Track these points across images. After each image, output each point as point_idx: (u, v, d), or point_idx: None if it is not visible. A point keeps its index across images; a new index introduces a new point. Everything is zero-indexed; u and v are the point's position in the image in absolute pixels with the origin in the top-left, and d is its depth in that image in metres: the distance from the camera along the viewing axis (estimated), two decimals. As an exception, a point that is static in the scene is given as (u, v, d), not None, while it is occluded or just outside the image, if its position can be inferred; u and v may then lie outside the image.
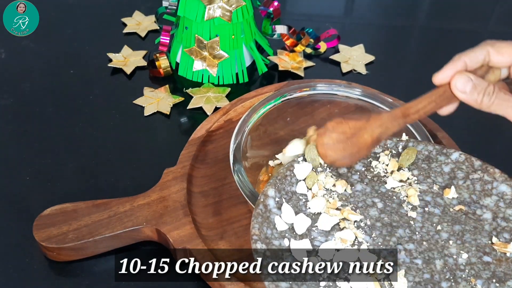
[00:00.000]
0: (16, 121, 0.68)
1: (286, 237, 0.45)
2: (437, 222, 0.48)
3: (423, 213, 0.48)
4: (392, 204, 0.49)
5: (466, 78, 0.44)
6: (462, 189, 0.50)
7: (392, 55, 0.82)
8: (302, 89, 0.62)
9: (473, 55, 0.45)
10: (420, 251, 0.46)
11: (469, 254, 0.46)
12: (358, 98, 0.62)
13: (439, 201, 0.49)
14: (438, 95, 0.46)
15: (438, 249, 0.46)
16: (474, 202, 0.49)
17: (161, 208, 0.56)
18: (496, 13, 0.91)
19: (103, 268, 0.54)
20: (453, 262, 0.45)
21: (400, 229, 0.47)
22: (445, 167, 0.51)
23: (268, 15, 0.75)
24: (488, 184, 0.50)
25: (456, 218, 0.48)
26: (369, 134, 0.47)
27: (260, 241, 0.44)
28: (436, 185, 0.51)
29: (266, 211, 0.46)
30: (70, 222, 0.54)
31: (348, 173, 0.51)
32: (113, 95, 0.73)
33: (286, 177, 0.49)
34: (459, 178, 0.51)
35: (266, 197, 0.47)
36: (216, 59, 0.72)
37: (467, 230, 0.47)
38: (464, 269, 0.45)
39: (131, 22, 0.83)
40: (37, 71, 0.76)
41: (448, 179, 0.51)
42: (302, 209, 0.48)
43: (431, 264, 0.45)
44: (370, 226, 0.47)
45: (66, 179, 0.62)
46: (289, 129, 0.63)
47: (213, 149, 0.63)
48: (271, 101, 0.60)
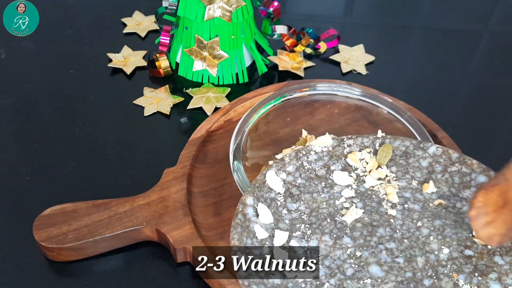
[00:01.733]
0: (16, 121, 0.68)
1: (266, 245, 0.45)
2: (417, 218, 0.48)
3: (403, 210, 0.48)
4: (372, 203, 0.49)
5: None
6: (441, 183, 0.50)
7: (392, 55, 0.82)
8: (302, 89, 0.62)
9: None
10: (402, 249, 0.46)
11: (450, 249, 0.45)
12: (358, 98, 0.62)
13: (419, 197, 0.49)
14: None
15: (419, 246, 0.46)
16: (453, 195, 0.49)
17: (161, 208, 0.56)
18: (496, 13, 0.91)
19: (103, 268, 0.54)
20: (434, 258, 0.45)
21: (380, 228, 0.47)
22: (423, 162, 0.51)
23: (268, 15, 0.75)
24: (466, 176, 0.49)
25: (436, 213, 0.48)
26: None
27: (240, 252, 0.44)
28: (415, 180, 0.50)
29: (245, 220, 0.46)
30: (70, 222, 0.54)
31: (326, 174, 0.51)
32: (113, 95, 0.73)
33: (264, 184, 0.48)
34: (437, 171, 0.50)
35: (244, 205, 0.47)
36: (216, 59, 0.72)
37: (447, 224, 0.47)
38: (446, 265, 0.45)
39: (131, 22, 0.83)
40: (37, 71, 0.76)
41: (426, 174, 0.50)
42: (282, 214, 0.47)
43: (413, 262, 0.45)
44: (351, 226, 0.47)
45: (66, 179, 0.62)
46: (289, 129, 0.63)
47: (213, 149, 0.63)
48: (271, 101, 0.60)
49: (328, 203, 0.49)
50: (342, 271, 0.44)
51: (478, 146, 0.66)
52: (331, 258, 0.45)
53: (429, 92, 0.75)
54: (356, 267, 0.44)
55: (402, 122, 0.59)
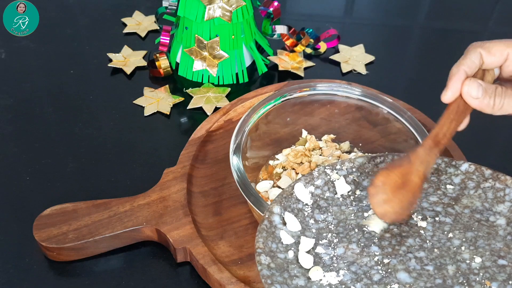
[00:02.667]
0: (16, 121, 0.68)
1: (291, 250, 0.45)
2: (448, 230, 0.47)
3: (434, 222, 0.48)
4: None
5: (476, 84, 0.44)
6: (474, 198, 0.49)
7: (392, 55, 0.82)
8: (302, 89, 0.62)
9: (470, 62, 0.45)
10: (431, 258, 0.45)
11: (483, 259, 0.45)
12: (358, 98, 0.62)
13: (450, 211, 0.48)
14: (454, 112, 0.45)
15: (450, 255, 0.45)
16: (486, 210, 0.48)
17: (161, 208, 0.56)
18: (496, 13, 0.91)
19: (103, 268, 0.54)
20: (466, 266, 0.44)
21: (410, 238, 0.46)
22: (455, 178, 0.50)
23: (268, 15, 0.75)
24: (500, 191, 0.49)
25: (469, 225, 0.47)
26: (416, 175, 0.45)
27: (264, 254, 0.43)
28: (447, 196, 0.50)
29: (271, 226, 0.46)
30: (70, 222, 0.54)
31: (356, 189, 0.50)
32: (113, 95, 0.73)
33: (292, 195, 0.48)
34: (470, 188, 0.50)
35: (271, 213, 0.46)
36: (216, 59, 0.72)
37: (480, 236, 0.46)
38: (478, 273, 0.44)
39: (131, 22, 0.83)
40: (37, 71, 0.76)
41: (459, 190, 0.50)
42: (309, 224, 0.47)
43: (443, 270, 0.44)
44: (379, 236, 0.47)
45: (66, 179, 0.62)
46: (289, 129, 0.63)
47: (213, 149, 0.63)
48: (271, 101, 0.60)
49: (357, 215, 0.48)
50: (369, 276, 0.44)
51: (478, 146, 0.66)
52: (357, 265, 0.45)
53: (429, 92, 0.74)
54: (384, 273, 0.44)
55: (402, 122, 0.59)
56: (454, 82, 0.45)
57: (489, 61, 0.45)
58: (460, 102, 0.45)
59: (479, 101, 0.44)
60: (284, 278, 0.43)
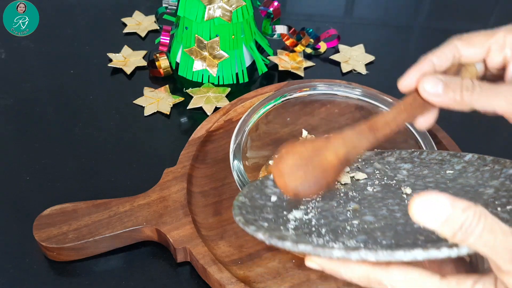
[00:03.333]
0: (16, 121, 0.68)
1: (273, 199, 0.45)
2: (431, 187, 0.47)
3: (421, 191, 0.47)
4: (390, 188, 0.48)
5: (434, 79, 0.39)
6: (470, 178, 0.48)
7: (392, 55, 0.82)
8: (302, 89, 0.62)
9: (440, 53, 0.41)
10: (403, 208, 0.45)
11: None
12: (358, 98, 0.62)
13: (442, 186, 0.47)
14: (407, 104, 0.41)
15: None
16: (479, 185, 0.47)
17: (161, 208, 0.56)
18: (496, 13, 0.91)
19: (103, 268, 0.54)
20: None
21: (390, 199, 0.46)
22: (457, 166, 0.50)
23: (268, 15, 0.75)
24: (497, 171, 0.47)
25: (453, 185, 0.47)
26: (333, 153, 0.42)
27: (243, 196, 0.44)
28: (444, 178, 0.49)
29: (263, 186, 0.46)
30: (70, 222, 0.54)
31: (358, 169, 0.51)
32: (113, 95, 0.73)
33: None
34: (469, 171, 0.49)
35: (267, 178, 0.47)
36: (216, 59, 0.72)
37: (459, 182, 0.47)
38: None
39: (131, 22, 0.83)
40: (37, 71, 0.76)
41: (458, 174, 0.49)
42: None
43: None
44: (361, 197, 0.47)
45: (66, 179, 0.62)
46: (289, 129, 0.63)
47: (213, 149, 0.63)
48: (271, 101, 0.60)
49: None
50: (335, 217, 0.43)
51: (478, 146, 0.66)
52: (329, 211, 0.44)
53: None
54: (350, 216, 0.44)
55: (402, 122, 0.59)
56: (412, 71, 0.40)
57: (467, 53, 0.41)
58: (416, 96, 0.40)
59: (440, 98, 0.39)
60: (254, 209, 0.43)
